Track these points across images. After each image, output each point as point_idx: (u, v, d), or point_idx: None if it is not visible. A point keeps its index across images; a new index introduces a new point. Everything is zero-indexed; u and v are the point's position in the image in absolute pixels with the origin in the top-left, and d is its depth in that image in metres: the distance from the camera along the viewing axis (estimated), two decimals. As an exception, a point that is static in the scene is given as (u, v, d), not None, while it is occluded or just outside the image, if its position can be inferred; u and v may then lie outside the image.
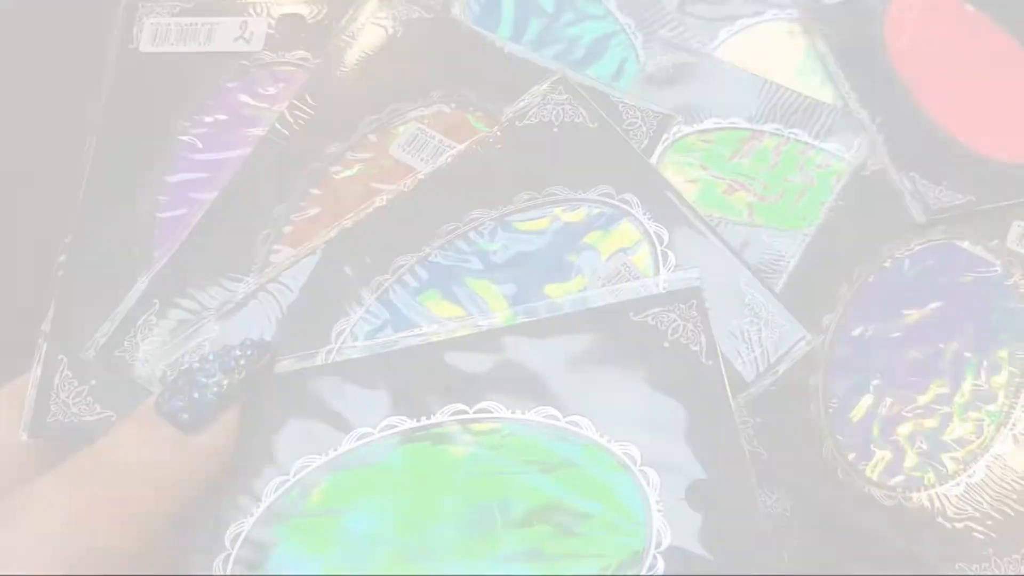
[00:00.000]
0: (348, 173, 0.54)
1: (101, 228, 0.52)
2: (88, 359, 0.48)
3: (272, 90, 0.56)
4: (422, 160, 0.54)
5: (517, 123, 0.52)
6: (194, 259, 0.51)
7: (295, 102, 0.55)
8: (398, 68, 0.57)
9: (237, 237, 0.51)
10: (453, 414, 0.43)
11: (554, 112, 0.52)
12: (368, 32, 0.58)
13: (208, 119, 0.55)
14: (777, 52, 0.62)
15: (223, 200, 0.52)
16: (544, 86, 0.54)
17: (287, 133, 0.54)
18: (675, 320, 0.45)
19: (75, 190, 0.53)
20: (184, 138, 0.55)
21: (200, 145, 0.55)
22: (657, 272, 0.49)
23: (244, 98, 0.56)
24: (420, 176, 0.52)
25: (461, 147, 0.53)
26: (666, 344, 0.45)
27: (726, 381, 0.44)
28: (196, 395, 0.39)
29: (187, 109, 0.56)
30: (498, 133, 0.53)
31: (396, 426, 0.43)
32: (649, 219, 0.50)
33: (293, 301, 0.48)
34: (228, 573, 0.40)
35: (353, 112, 0.55)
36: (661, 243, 0.49)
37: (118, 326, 0.49)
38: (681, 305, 0.45)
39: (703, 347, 0.45)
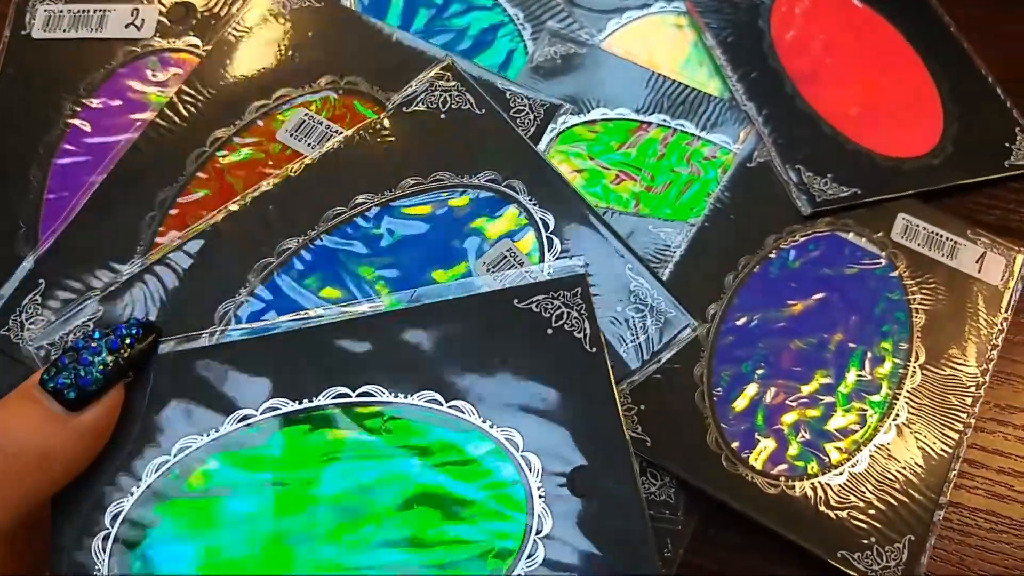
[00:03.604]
0: (235, 158, 0.54)
1: None
2: None
3: (162, 76, 0.57)
4: (309, 145, 0.54)
5: (404, 109, 0.52)
6: (80, 240, 0.51)
7: (184, 88, 0.56)
8: (287, 55, 0.58)
9: (122, 219, 0.52)
10: (335, 397, 0.43)
11: (441, 99, 0.53)
12: (258, 20, 0.58)
13: (97, 103, 0.56)
14: (665, 44, 0.62)
15: (108, 182, 0.53)
16: (432, 72, 0.53)
17: (175, 118, 0.55)
18: (560, 307, 0.45)
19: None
20: (74, 122, 0.55)
21: (89, 129, 0.55)
22: (542, 258, 0.49)
23: (134, 83, 0.57)
24: (307, 161, 0.52)
25: (348, 132, 0.53)
26: (550, 331, 0.45)
27: (610, 369, 0.44)
28: (82, 373, 0.38)
29: (77, 93, 0.56)
30: (385, 119, 0.53)
31: (278, 408, 0.42)
32: (535, 205, 0.50)
33: (178, 283, 0.48)
34: (107, 551, 0.40)
35: (241, 98, 0.56)
36: (547, 229, 0.49)
37: (2, 306, 0.49)
38: (566, 292, 0.45)
39: (587, 335, 0.45)
